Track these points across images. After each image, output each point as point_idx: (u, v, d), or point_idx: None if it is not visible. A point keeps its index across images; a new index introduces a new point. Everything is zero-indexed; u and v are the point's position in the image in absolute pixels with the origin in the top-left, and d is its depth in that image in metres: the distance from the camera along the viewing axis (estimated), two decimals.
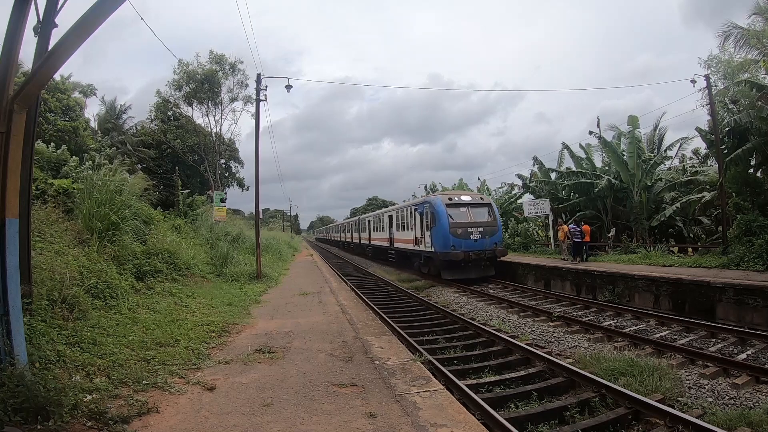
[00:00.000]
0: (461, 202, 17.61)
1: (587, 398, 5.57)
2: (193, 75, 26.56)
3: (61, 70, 7.27)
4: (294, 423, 3.78)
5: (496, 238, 17.09)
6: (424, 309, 12.07)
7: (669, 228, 21.89)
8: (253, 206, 17.81)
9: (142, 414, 3.85)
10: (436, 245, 17.00)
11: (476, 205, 17.92)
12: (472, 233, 16.57)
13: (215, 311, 8.58)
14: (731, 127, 14.55)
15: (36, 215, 7.57)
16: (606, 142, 22.03)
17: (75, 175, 10.82)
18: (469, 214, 17.24)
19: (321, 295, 11.52)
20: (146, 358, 5.32)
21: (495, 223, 17.40)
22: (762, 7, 15.20)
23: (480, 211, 17.72)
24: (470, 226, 16.74)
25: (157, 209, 13.83)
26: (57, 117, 16.55)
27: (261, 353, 5.93)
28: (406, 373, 5.10)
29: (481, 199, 18.74)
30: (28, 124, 4.70)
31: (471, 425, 3.75)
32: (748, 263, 11.70)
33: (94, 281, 6.92)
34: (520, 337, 8.91)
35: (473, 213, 17.40)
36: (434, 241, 17.12)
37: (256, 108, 16.13)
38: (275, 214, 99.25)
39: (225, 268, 13.81)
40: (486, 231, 16.84)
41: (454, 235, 16.29)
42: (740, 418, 4.87)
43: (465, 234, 16.45)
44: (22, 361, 3.99)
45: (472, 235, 16.56)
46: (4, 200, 4.19)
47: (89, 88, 23.39)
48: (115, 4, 4.08)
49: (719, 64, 18.23)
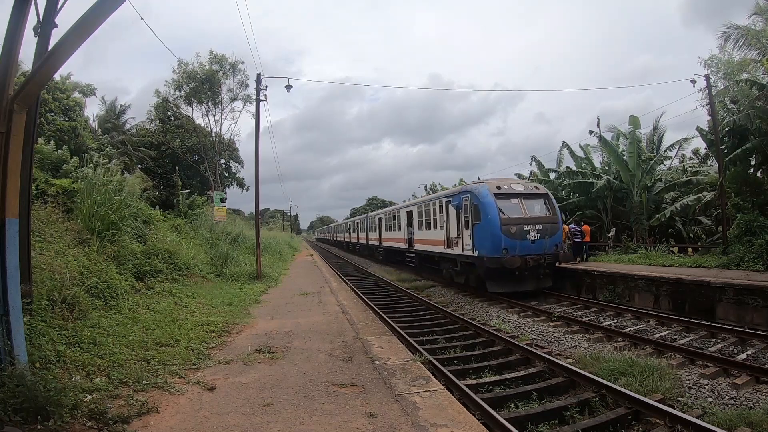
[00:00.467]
0: (513, 192, 13.87)
1: (587, 398, 5.57)
2: (194, 75, 26.58)
3: (61, 70, 7.27)
4: (294, 423, 3.78)
5: (556, 239, 13.62)
6: (424, 309, 12.06)
7: (669, 228, 21.89)
8: (253, 206, 17.84)
9: (142, 414, 3.85)
10: (480, 248, 13.15)
11: (531, 195, 14.20)
12: (529, 232, 13.02)
13: (215, 311, 8.58)
14: (731, 127, 14.56)
15: (36, 215, 7.57)
16: (606, 142, 22.04)
17: (75, 174, 10.83)
18: (523, 208, 13.56)
19: (321, 295, 11.52)
20: (146, 358, 5.32)
21: (555, 219, 13.80)
22: (762, 7, 15.22)
23: (536, 203, 14.12)
24: (527, 222, 13.12)
25: (157, 209, 13.83)
26: (57, 117, 16.56)
27: (261, 353, 5.93)
28: (406, 373, 5.10)
29: (536, 189, 14.74)
30: (28, 124, 4.71)
31: (471, 425, 3.75)
32: (748, 263, 11.70)
33: (94, 281, 6.92)
34: (520, 337, 8.90)
35: (528, 206, 13.74)
36: (478, 242, 13.29)
37: (256, 108, 16.16)
38: (275, 214, 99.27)
39: (225, 268, 13.81)
40: (545, 229, 13.31)
41: (507, 235, 12.64)
42: (740, 418, 4.86)
43: (520, 233, 12.85)
44: (22, 361, 3.99)
45: (529, 234, 13.00)
46: (4, 200, 4.19)
47: (89, 88, 23.40)
48: (115, 4, 4.08)
49: (719, 64, 18.25)
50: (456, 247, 14.76)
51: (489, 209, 12.95)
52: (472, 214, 13.64)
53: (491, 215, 12.86)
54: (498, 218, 12.76)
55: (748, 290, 9.27)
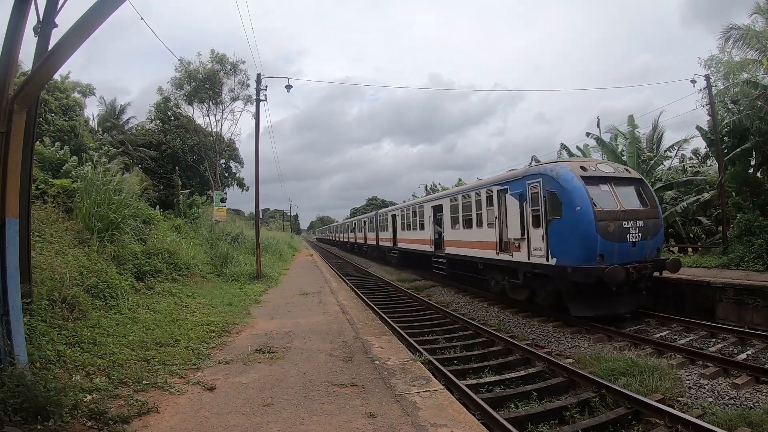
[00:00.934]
0: (602, 175, 9.86)
1: (587, 398, 5.57)
2: (195, 74, 26.60)
3: (60, 69, 7.27)
4: (294, 423, 3.79)
5: (659, 240, 9.93)
6: (425, 309, 12.06)
7: (669, 228, 21.89)
8: (253, 206, 17.84)
9: (142, 414, 3.86)
10: (561, 254, 9.32)
11: (623, 181, 10.17)
12: (629, 231, 9.22)
13: (215, 311, 8.59)
14: (731, 127, 14.57)
15: (36, 215, 7.58)
16: (604, 143, 22.04)
17: (75, 174, 10.83)
18: (617, 198, 9.60)
19: (321, 295, 11.52)
20: (146, 358, 5.33)
21: (657, 213, 10.01)
22: (762, 7, 15.23)
23: (630, 192, 10.11)
24: (626, 218, 9.26)
25: (157, 209, 13.84)
26: (56, 117, 16.56)
27: (261, 353, 5.93)
28: (406, 373, 5.10)
29: (628, 171, 10.70)
30: (28, 124, 4.71)
31: (471, 425, 3.75)
32: (748, 263, 11.70)
33: (94, 281, 6.93)
34: (520, 337, 8.91)
35: (622, 195, 9.74)
36: (557, 246, 9.45)
37: (256, 108, 16.18)
38: (275, 214, 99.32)
39: (225, 268, 13.82)
40: (647, 227, 9.49)
41: (604, 236, 8.89)
42: (740, 418, 4.86)
43: (619, 233, 9.10)
44: (22, 361, 3.99)
45: (630, 234, 9.21)
46: (4, 200, 4.19)
47: (88, 88, 23.39)
48: (115, 4, 4.08)
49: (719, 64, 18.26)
50: (517, 252, 10.84)
51: (577, 198, 9.04)
52: (546, 206, 9.69)
53: (582, 207, 8.92)
54: (592, 211, 8.86)
55: (748, 290, 9.28)
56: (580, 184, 9.19)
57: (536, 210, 10.09)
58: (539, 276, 10.23)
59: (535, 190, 10.18)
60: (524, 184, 10.58)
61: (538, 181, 10.10)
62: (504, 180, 11.88)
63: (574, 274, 8.92)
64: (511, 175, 11.88)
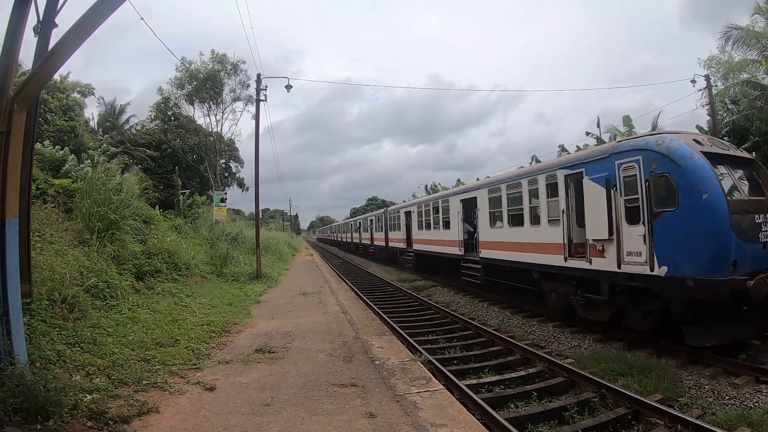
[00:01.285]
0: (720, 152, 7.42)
1: (587, 398, 5.57)
2: (196, 74, 26.62)
3: (60, 69, 7.27)
4: (294, 423, 3.79)
5: None
6: (425, 309, 12.06)
7: None
8: (253, 206, 17.85)
9: (142, 414, 3.86)
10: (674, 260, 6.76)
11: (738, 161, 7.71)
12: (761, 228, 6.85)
13: (215, 311, 8.59)
14: (731, 127, 14.58)
15: (36, 215, 7.58)
16: (604, 143, 22.09)
17: (75, 174, 10.84)
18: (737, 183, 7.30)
19: (321, 295, 11.53)
20: (146, 358, 5.33)
21: None
22: (762, 7, 15.24)
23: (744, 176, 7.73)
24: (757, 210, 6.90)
25: (157, 209, 13.84)
26: (56, 117, 16.57)
27: (261, 353, 5.93)
28: (406, 373, 5.10)
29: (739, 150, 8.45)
30: (28, 124, 4.71)
31: (471, 425, 3.76)
32: None
33: (94, 281, 6.93)
34: (520, 337, 8.91)
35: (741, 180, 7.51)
36: (669, 249, 6.86)
37: (257, 108, 16.19)
38: (275, 214, 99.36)
39: (225, 268, 13.83)
40: None
41: (739, 235, 6.47)
42: (740, 418, 4.87)
43: (752, 230, 6.71)
44: (22, 361, 3.99)
45: (762, 232, 6.83)
46: (4, 200, 4.19)
47: (87, 88, 23.40)
48: (115, 4, 4.09)
49: (719, 64, 18.27)
50: (599, 257, 8.11)
51: (704, 182, 6.56)
52: (651, 194, 7.10)
53: (711, 194, 6.48)
54: (724, 200, 6.47)
55: None
56: (704, 163, 6.66)
57: (633, 200, 7.42)
58: (635, 291, 7.53)
59: (631, 172, 7.48)
60: (612, 164, 7.84)
61: (636, 160, 7.40)
62: (577, 161, 8.89)
63: (697, 289, 6.42)
64: (589, 153, 8.93)
